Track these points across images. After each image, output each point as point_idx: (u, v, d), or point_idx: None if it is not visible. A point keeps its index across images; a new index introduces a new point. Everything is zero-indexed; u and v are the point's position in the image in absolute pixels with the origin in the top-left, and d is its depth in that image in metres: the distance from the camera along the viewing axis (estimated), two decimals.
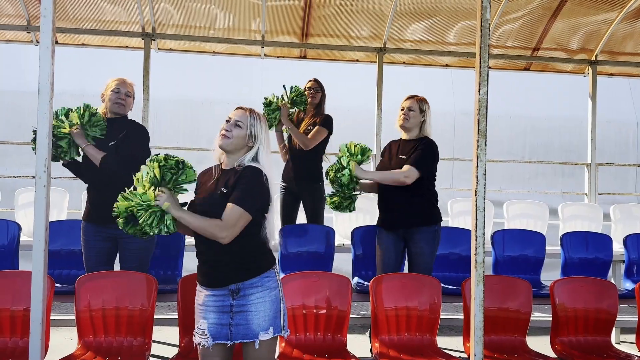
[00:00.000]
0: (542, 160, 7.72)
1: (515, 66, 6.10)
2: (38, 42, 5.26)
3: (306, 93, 4.33)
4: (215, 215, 2.20)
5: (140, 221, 2.24)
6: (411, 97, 3.62)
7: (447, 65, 6.01)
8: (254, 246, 2.31)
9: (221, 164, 2.39)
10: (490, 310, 3.17)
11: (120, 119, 3.38)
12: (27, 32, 5.34)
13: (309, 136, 4.20)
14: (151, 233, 2.26)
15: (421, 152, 3.46)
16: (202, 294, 2.32)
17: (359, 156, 3.52)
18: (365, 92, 6.30)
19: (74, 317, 2.98)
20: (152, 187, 2.24)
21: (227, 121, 2.35)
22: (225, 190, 2.25)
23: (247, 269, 2.28)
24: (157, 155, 2.31)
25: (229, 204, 2.21)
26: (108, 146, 3.24)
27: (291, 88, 4.29)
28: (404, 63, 5.96)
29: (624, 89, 8.27)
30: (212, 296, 2.28)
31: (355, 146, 3.53)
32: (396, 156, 3.56)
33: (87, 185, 3.43)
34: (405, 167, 3.42)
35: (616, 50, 5.93)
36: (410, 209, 3.49)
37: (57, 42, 4.67)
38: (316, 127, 4.21)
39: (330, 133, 4.30)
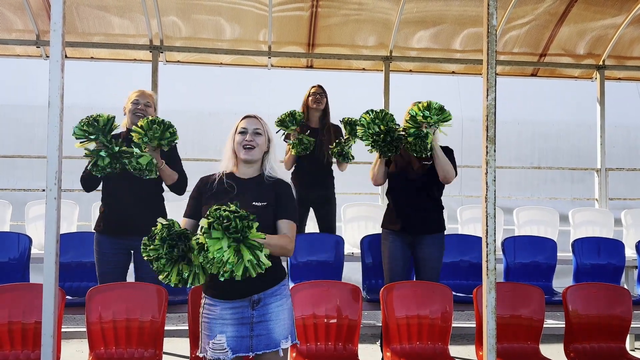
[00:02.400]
0: (552, 166, 7.67)
1: (523, 72, 6.09)
2: (47, 57, 5.40)
3: (310, 99, 4.30)
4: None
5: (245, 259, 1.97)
6: (416, 104, 3.59)
7: (453, 72, 6.01)
8: (274, 255, 2.32)
9: (231, 172, 2.36)
10: (502, 317, 3.14)
11: None
12: (37, 47, 5.41)
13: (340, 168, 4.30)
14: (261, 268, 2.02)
15: (450, 158, 3.52)
16: (216, 308, 2.26)
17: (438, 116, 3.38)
18: (372, 101, 6.31)
19: (84, 329, 2.98)
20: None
21: (242, 133, 2.33)
22: (265, 204, 2.26)
23: (270, 277, 2.27)
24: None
25: (286, 221, 2.27)
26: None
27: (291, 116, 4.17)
28: (410, 71, 5.98)
29: (632, 93, 8.22)
30: (230, 309, 2.24)
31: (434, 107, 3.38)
32: (418, 161, 3.54)
33: (102, 196, 3.39)
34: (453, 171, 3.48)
35: (624, 54, 5.90)
36: (424, 214, 3.53)
37: (66, 56, 4.72)
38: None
39: None
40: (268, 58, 5.64)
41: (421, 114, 3.38)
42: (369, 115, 3.51)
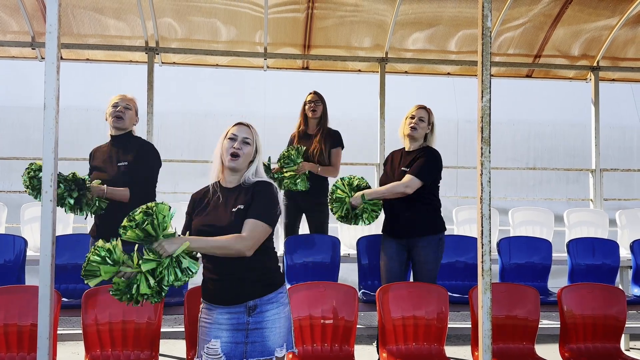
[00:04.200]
0: (547, 166, 7.71)
1: (517, 73, 6.12)
2: (43, 58, 5.42)
3: (307, 107, 4.29)
4: (231, 233, 2.18)
5: (165, 283, 2.10)
6: (422, 107, 3.60)
7: (448, 73, 6.03)
8: (271, 260, 2.33)
9: (219, 181, 2.36)
10: (498, 318, 3.15)
11: (125, 135, 3.36)
12: (32, 49, 5.39)
13: (331, 165, 4.20)
14: (180, 283, 2.13)
15: (423, 160, 3.48)
16: (212, 312, 2.26)
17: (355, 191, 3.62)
18: (367, 102, 6.33)
19: (80, 332, 2.98)
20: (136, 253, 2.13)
21: (231, 139, 2.31)
22: (242, 207, 2.23)
23: (266, 284, 2.28)
24: (124, 224, 2.12)
25: (250, 220, 2.20)
26: (117, 165, 3.25)
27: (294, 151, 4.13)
28: (406, 72, 5.99)
29: (627, 94, 8.27)
30: (225, 314, 2.24)
31: (349, 182, 3.64)
32: (398, 168, 3.57)
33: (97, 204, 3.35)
34: (406, 177, 3.44)
35: (618, 55, 5.94)
36: (414, 217, 3.50)
37: (61, 58, 4.71)
38: (334, 150, 4.20)
39: (342, 148, 4.30)
40: (264, 59, 5.65)
41: (344, 194, 3.63)
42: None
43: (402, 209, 3.51)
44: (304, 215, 4.39)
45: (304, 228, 4.50)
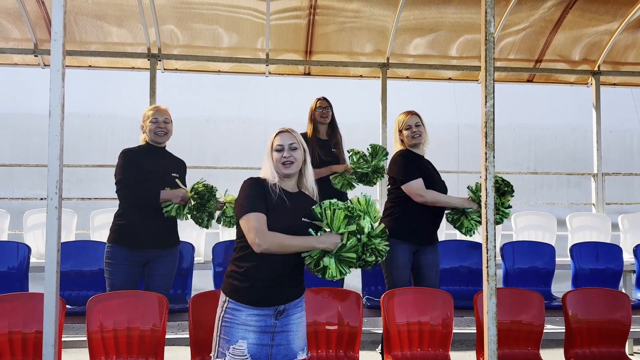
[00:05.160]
0: (548, 170, 7.71)
1: (519, 78, 6.13)
2: (45, 65, 5.44)
3: (317, 113, 4.29)
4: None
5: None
6: (411, 112, 3.56)
7: (450, 78, 6.05)
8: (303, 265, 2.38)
9: (277, 184, 2.35)
10: (503, 323, 3.14)
11: (165, 147, 3.47)
12: (35, 56, 5.41)
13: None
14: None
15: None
16: (241, 314, 2.25)
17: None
18: (369, 108, 6.34)
19: (84, 339, 2.97)
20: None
21: (279, 150, 2.35)
22: (308, 220, 2.31)
23: (300, 289, 2.36)
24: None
25: None
26: (171, 175, 3.35)
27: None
28: (407, 78, 6.01)
29: (627, 98, 8.29)
30: (255, 315, 2.25)
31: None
32: (435, 174, 3.61)
33: (125, 207, 3.34)
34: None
35: (618, 60, 5.95)
36: (438, 226, 3.60)
37: None
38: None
39: None
40: (266, 66, 5.66)
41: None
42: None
43: (435, 218, 3.56)
44: None
45: None
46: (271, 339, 2.26)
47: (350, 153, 4.11)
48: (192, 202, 3.29)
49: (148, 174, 3.27)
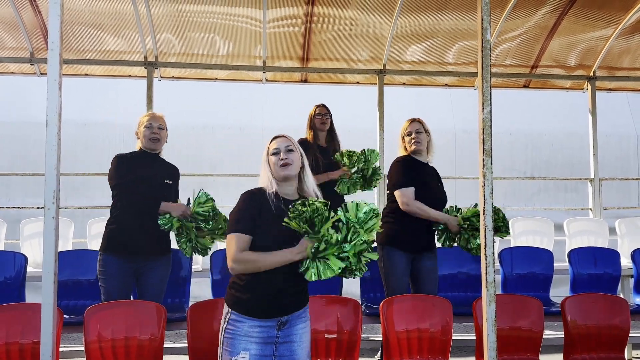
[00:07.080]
0: (545, 176, 7.73)
1: (515, 84, 6.16)
2: (42, 74, 5.43)
3: (316, 120, 4.29)
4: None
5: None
6: (414, 120, 3.61)
7: (446, 85, 6.07)
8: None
9: (275, 192, 2.33)
10: (502, 329, 3.14)
11: (159, 154, 3.47)
12: (31, 64, 5.40)
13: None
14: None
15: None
16: (243, 325, 2.24)
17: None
18: (366, 114, 6.35)
19: (81, 349, 2.95)
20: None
21: (275, 153, 2.34)
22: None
23: (304, 300, 2.34)
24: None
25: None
26: (164, 182, 3.37)
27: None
28: (404, 84, 6.03)
29: (623, 103, 8.33)
30: (257, 327, 2.23)
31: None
32: (436, 182, 3.63)
33: (118, 213, 3.31)
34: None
35: (614, 65, 5.99)
36: (433, 232, 3.62)
37: None
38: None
39: None
40: (262, 73, 5.67)
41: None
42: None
43: (430, 225, 3.58)
44: None
45: None
46: (274, 350, 2.24)
47: (339, 158, 4.10)
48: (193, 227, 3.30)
49: (140, 179, 3.27)
